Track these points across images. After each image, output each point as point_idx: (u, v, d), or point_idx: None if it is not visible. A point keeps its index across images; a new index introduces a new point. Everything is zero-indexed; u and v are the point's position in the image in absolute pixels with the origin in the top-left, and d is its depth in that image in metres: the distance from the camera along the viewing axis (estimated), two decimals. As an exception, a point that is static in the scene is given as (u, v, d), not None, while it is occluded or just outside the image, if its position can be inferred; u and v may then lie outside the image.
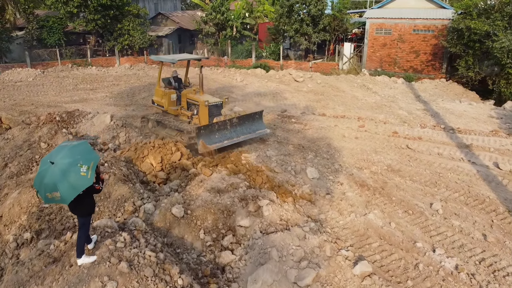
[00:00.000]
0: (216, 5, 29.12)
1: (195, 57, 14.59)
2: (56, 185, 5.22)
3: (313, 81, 23.16)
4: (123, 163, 9.98)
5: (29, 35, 27.76)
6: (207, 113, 12.27)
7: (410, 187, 10.38)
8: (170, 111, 13.57)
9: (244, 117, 12.79)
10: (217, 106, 12.61)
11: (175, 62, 13.51)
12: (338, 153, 12.70)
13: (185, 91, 13.45)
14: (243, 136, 12.62)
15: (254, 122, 13.08)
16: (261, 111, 13.48)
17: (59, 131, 11.65)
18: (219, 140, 11.95)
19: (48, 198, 5.32)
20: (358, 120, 15.96)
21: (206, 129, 11.74)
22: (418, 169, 11.42)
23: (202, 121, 12.33)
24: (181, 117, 13.32)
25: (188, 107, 13.16)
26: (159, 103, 13.94)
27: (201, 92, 13.03)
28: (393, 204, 9.47)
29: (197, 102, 12.56)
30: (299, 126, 15.28)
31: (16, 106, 18.01)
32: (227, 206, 8.21)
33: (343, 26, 27.20)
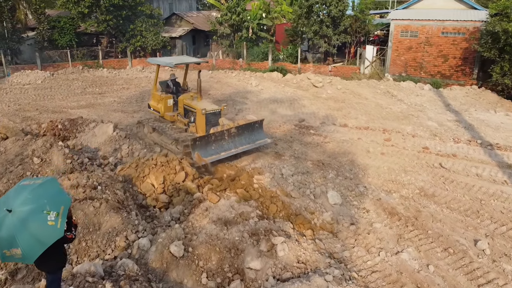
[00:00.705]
0: (231, 5, 27.94)
1: (194, 61, 13.87)
2: (15, 239, 4.08)
3: (332, 87, 21.75)
4: (120, 184, 8.85)
5: (40, 36, 27.08)
6: (204, 121, 11.60)
7: (448, 217, 8.97)
8: (166, 117, 12.95)
9: (243, 126, 11.93)
10: (215, 114, 11.92)
11: (172, 66, 12.64)
12: (363, 172, 11.35)
13: (182, 96, 12.73)
14: (242, 147, 11.79)
15: (254, 132, 12.26)
16: (261, 120, 12.70)
17: (54, 144, 10.60)
18: (216, 152, 11.21)
19: (6, 256, 4.18)
20: (383, 132, 14.54)
21: (202, 140, 11.00)
22: (456, 194, 9.99)
23: (199, 130, 11.78)
24: (177, 123, 12.71)
25: (185, 113, 12.55)
26: (155, 108, 13.37)
27: (199, 98, 12.38)
28: (430, 240, 8.10)
29: (194, 109, 11.91)
30: (318, 138, 13.95)
31: (19, 112, 17.17)
32: (235, 243, 6.99)
33: (365, 27, 25.66)
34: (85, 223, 7.16)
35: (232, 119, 15.87)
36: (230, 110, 17.60)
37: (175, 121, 12.86)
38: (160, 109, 13.10)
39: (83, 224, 7.14)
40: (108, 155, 11.80)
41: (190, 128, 12.21)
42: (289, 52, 27.31)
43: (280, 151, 12.72)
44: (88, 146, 12.33)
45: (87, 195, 7.73)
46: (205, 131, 11.64)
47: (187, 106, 12.39)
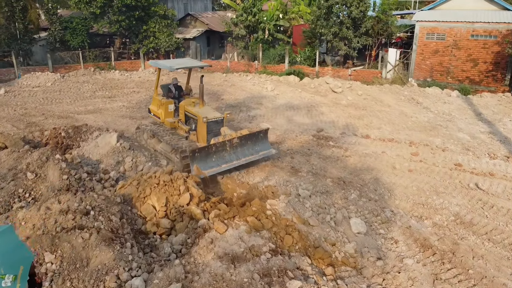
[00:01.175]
0: (247, 6, 26.93)
1: (196, 65, 12.91)
2: None
3: (353, 92, 20.53)
4: (117, 207, 7.90)
5: (52, 37, 26.56)
6: (206, 130, 11.06)
7: (491, 252, 7.77)
8: (166, 123, 12.34)
9: (246, 136, 11.17)
10: (217, 122, 11.31)
11: (173, 70, 12.00)
12: (389, 192, 10.18)
13: (183, 102, 12.10)
14: (244, 158, 11.01)
15: (257, 142, 11.54)
16: (266, 129, 11.90)
17: (51, 157, 9.75)
18: (216, 164, 10.51)
19: None
20: (410, 145, 13.32)
21: (202, 152, 10.25)
22: (497, 223, 8.76)
23: (200, 139, 11.23)
24: (178, 130, 12.17)
25: (186, 120, 11.98)
26: (156, 113, 12.80)
27: (200, 105, 11.76)
28: (472, 282, 6.92)
29: (196, 116, 11.35)
30: (338, 151, 12.82)
31: (25, 116, 16.49)
32: (243, 287, 5.96)
33: (388, 29, 24.34)
34: (72, 258, 6.22)
35: (242, 127, 14.87)
36: (243, 117, 16.61)
37: (175, 128, 12.25)
38: (160, 115, 12.47)
39: (69, 259, 6.20)
40: (110, 168, 10.90)
41: (191, 136, 11.61)
42: (307, 55, 26.16)
43: (296, 166, 11.65)
44: (89, 158, 11.47)
45: (76, 223, 6.80)
46: (206, 140, 11.03)
47: (188, 112, 11.75)
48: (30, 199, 8.97)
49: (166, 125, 12.40)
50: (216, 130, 11.26)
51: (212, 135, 11.10)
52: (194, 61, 14.07)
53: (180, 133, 12.05)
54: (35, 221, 6.89)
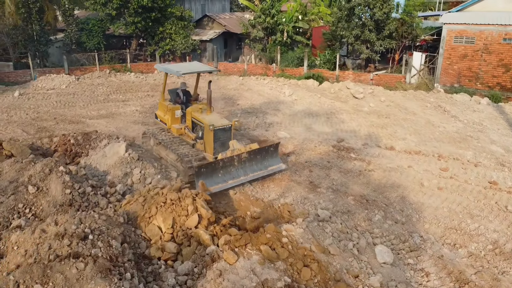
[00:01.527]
0: (265, 7, 26.17)
1: (204, 69, 12.52)
2: None
3: (375, 98, 19.56)
4: (119, 228, 7.24)
5: (68, 38, 26.37)
6: (212, 138, 10.66)
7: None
8: (173, 129, 11.95)
9: (256, 151, 10.69)
10: (224, 130, 10.86)
11: (179, 75, 11.45)
12: (417, 214, 9.29)
13: (190, 108, 11.74)
14: (252, 174, 10.47)
15: (267, 157, 11.01)
16: (277, 143, 11.45)
17: (54, 169, 9.19)
18: (223, 179, 10.05)
19: None
20: (438, 159, 12.34)
21: (208, 167, 9.76)
22: (543, 255, 7.78)
23: (207, 147, 10.89)
24: (184, 137, 11.77)
25: (193, 127, 11.59)
26: (162, 119, 12.49)
27: (208, 111, 11.37)
28: (519, 330, 6.01)
29: (202, 123, 10.98)
30: (360, 164, 11.95)
31: (36, 121, 16.12)
32: (255, 332, 5.21)
33: (413, 32, 23.21)
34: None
35: (257, 135, 14.15)
36: (259, 124, 15.87)
37: (182, 134, 11.83)
38: (167, 121, 12.11)
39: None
40: (117, 180, 10.30)
41: (198, 145, 11.24)
42: (327, 58, 25.26)
43: (315, 181, 10.85)
44: (96, 169, 10.90)
45: (72, 250, 6.16)
46: (213, 148, 10.75)
47: (195, 119, 11.36)
48: (30, 215, 8.43)
49: (172, 132, 12.00)
50: (223, 138, 10.84)
51: (220, 143, 10.77)
52: (202, 66, 13.42)
53: (186, 140, 11.64)
54: (28, 246, 6.30)
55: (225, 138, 10.86)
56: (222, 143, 10.79)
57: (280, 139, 13.99)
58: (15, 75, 23.83)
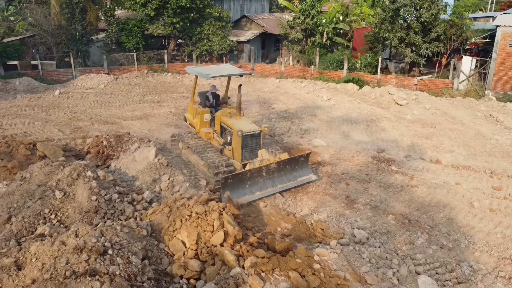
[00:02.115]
0: (305, 7, 25.42)
1: (235, 73, 12.09)
2: None
3: (419, 105, 18.40)
4: (141, 242, 6.88)
5: (109, 38, 26.79)
6: (241, 144, 10.35)
7: None
8: (201, 133, 11.74)
9: (285, 161, 10.18)
10: (253, 136, 10.51)
11: (209, 78, 11.06)
12: (466, 239, 8.36)
13: (219, 112, 11.43)
14: (281, 185, 9.98)
15: (297, 167, 10.52)
16: (308, 153, 10.93)
17: (82, 174, 9.02)
18: (250, 191, 9.61)
19: None
20: (490, 176, 11.24)
21: (235, 178, 9.27)
22: None
23: (235, 154, 10.56)
24: (213, 142, 11.44)
25: (222, 131, 11.30)
26: (191, 123, 12.29)
27: (237, 116, 11.02)
28: None
29: (231, 128, 10.63)
30: (402, 179, 11.07)
31: (73, 121, 16.29)
32: None
33: (462, 34, 21.73)
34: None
35: (292, 142, 13.52)
36: (295, 130, 15.24)
37: (210, 139, 11.56)
38: (195, 124, 11.93)
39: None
40: (145, 187, 10.04)
41: (225, 151, 10.88)
42: (368, 61, 24.14)
43: (352, 195, 10.11)
44: (125, 173, 10.69)
45: (89, 267, 5.84)
46: (241, 155, 10.49)
47: (224, 124, 11.09)
48: (56, 221, 8.27)
49: (201, 136, 11.80)
50: (252, 144, 10.55)
51: (248, 149, 10.50)
52: (233, 69, 12.95)
53: (214, 145, 11.33)
54: (46, 259, 6.04)
55: (253, 145, 10.58)
56: (251, 149, 10.52)
57: (315, 147, 13.34)
58: (58, 74, 24.46)
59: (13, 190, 8.91)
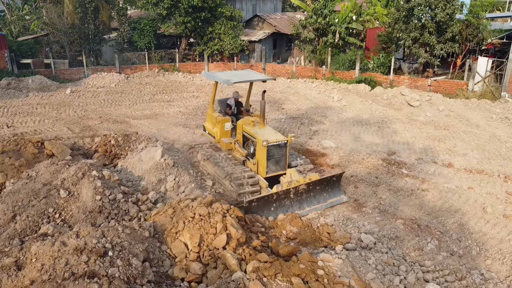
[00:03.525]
0: (318, 7, 25.15)
1: (258, 78, 11.37)
2: None
3: (432, 107, 18.02)
4: (143, 244, 6.79)
5: (121, 37, 26.93)
6: (266, 155, 9.54)
7: None
8: (222, 144, 10.96)
9: (316, 182, 9.37)
10: (279, 146, 9.67)
11: (230, 84, 10.32)
12: (478, 246, 8.09)
13: (241, 120, 10.66)
14: (309, 208, 9.25)
15: (328, 188, 9.71)
16: (340, 173, 9.99)
17: (87, 173, 8.99)
18: (275, 213, 8.91)
19: None
20: (505, 180, 10.90)
21: (260, 201, 8.68)
22: None
23: (260, 166, 9.74)
24: (234, 153, 10.74)
25: (244, 142, 10.53)
26: (211, 132, 11.50)
27: (261, 124, 10.27)
28: None
29: (254, 138, 9.90)
30: (413, 182, 10.80)
31: (82, 119, 16.35)
32: None
33: (479, 35, 21.22)
34: (74, 316, 5.17)
35: (301, 143, 13.31)
36: (304, 131, 15.04)
37: (231, 150, 10.84)
38: (215, 134, 11.16)
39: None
40: (151, 187, 9.96)
41: (248, 163, 10.14)
42: (380, 61, 23.79)
43: (360, 199, 9.90)
44: (131, 173, 10.64)
45: (88, 268, 5.76)
46: (266, 167, 9.67)
47: (247, 133, 10.30)
48: (59, 220, 8.25)
49: (221, 146, 11.08)
50: (278, 156, 9.75)
51: (273, 161, 9.72)
52: (256, 74, 12.16)
53: (236, 156, 10.62)
54: (46, 260, 5.99)
55: (279, 156, 9.79)
56: (276, 161, 9.78)
57: (324, 149, 13.12)
58: (70, 73, 24.66)
59: (18, 189, 8.92)
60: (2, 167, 10.43)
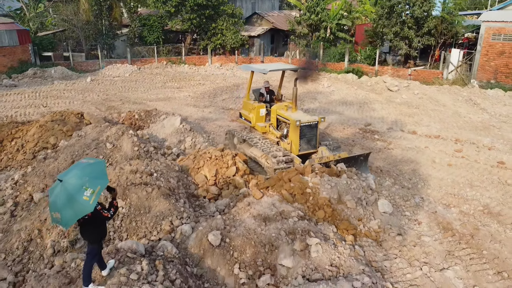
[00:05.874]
0: (311, 5, 27.86)
1: (289, 68, 12.78)
2: (57, 204, 4.69)
3: (409, 91, 20.72)
4: (175, 173, 9.47)
5: (132, 33, 29.54)
6: (299, 135, 10.59)
7: (510, 239, 8.19)
8: (257, 127, 12.04)
9: (344, 160, 10.33)
10: (310, 126, 10.69)
11: (266, 73, 11.71)
12: (423, 182, 10.78)
13: (275, 106, 11.83)
14: None
15: (355, 166, 10.47)
16: (368, 153, 11.14)
17: (125, 132, 11.65)
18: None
19: (53, 217, 4.81)
20: (455, 142, 13.58)
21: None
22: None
23: (293, 145, 10.76)
24: (269, 135, 11.78)
25: (278, 125, 11.63)
26: (247, 118, 12.56)
27: (293, 109, 11.33)
28: (483, 261, 7.50)
29: (288, 120, 10.95)
30: (382, 144, 13.49)
31: (106, 101, 18.99)
32: (271, 239, 7.14)
33: (452, 29, 23.93)
34: (137, 206, 7.84)
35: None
36: (296, 110, 17.66)
37: (266, 132, 11.93)
38: (251, 119, 12.25)
39: (135, 206, 7.82)
40: (173, 145, 12.62)
41: (282, 144, 11.17)
42: (367, 54, 26.50)
43: (338, 154, 12.52)
44: (156, 136, 13.30)
45: (142, 181, 8.43)
46: (298, 146, 10.73)
47: (281, 116, 11.37)
48: (108, 164, 10.89)
49: (257, 130, 12.11)
50: (309, 135, 10.75)
51: (305, 140, 10.73)
52: (286, 64, 13.73)
53: (271, 137, 11.61)
54: (111, 176, 8.63)
55: (311, 135, 10.71)
56: (308, 140, 10.69)
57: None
58: (86, 65, 27.28)
59: (73, 143, 11.58)
60: (53, 132, 13.06)
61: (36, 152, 12.33)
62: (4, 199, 9.70)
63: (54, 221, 4.84)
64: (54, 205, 4.72)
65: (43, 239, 7.66)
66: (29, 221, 8.12)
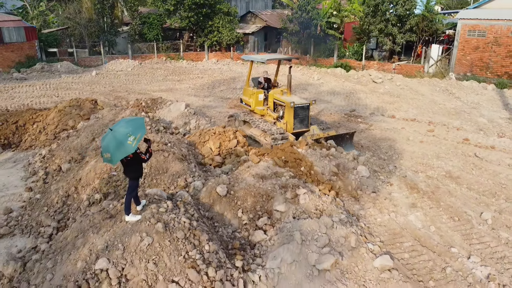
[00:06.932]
0: (302, 4, 29.61)
1: (285, 57, 14.40)
2: (109, 147, 6.30)
3: (392, 83, 22.52)
4: (185, 145, 11.11)
5: (133, 30, 31.05)
6: (293, 115, 12.07)
7: (465, 195, 9.96)
8: (256, 111, 13.58)
9: (332, 137, 12.03)
10: (303, 108, 12.19)
11: (264, 62, 13.65)
12: (397, 155, 12.52)
13: (272, 91, 13.32)
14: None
15: (342, 143, 12.21)
16: (353, 132, 12.85)
17: (139, 114, 13.25)
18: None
19: (104, 157, 6.42)
20: (428, 124, 15.37)
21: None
22: (480, 178, 10.83)
23: (288, 124, 12.26)
24: (266, 117, 13.26)
25: (275, 108, 13.10)
26: (247, 102, 14.09)
27: (288, 93, 12.88)
28: (440, 209, 9.23)
29: (283, 103, 12.39)
30: (364, 126, 15.23)
31: (113, 92, 20.54)
32: (267, 191, 8.81)
33: (433, 27, 25.82)
34: (157, 167, 9.47)
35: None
36: (288, 99, 19.37)
37: (264, 115, 13.42)
38: (251, 103, 13.76)
39: (155, 167, 9.45)
40: (179, 126, 14.24)
41: (279, 124, 12.56)
42: (355, 50, 28.30)
43: (325, 134, 14.22)
44: (164, 120, 14.91)
45: (160, 148, 10.06)
46: (293, 124, 12.21)
47: (277, 100, 12.84)
48: (124, 140, 12.47)
49: (256, 113, 13.67)
50: (302, 115, 12.21)
51: (299, 120, 12.11)
52: (281, 55, 15.71)
53: (268, 119, 13.08)
54: (133, 146, 10.23)
55: (303, 116, 12.17)
56: (301, 120, 12.08)
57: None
58: (89, 60, 28.77)
59: (92, 124, 13.15)
60: (71, 116, 14.61)
61: (57, 133, 13.88)
62: (35, 170, 11.28)
63: (105, 160, 6.45)
64: (107, 147, 6.34)
65: (79, 194, 9.26)
66: (65, 182, 9.71)
